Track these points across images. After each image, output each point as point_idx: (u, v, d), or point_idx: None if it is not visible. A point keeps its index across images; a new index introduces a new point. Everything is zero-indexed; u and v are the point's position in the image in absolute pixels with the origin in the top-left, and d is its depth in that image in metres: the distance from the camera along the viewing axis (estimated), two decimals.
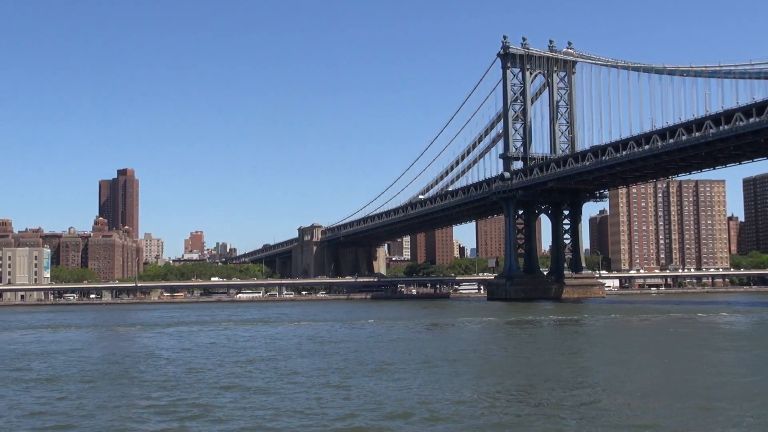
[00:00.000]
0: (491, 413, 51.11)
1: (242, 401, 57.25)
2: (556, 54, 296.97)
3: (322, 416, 51.11)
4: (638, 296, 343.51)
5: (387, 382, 65.89)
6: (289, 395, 59.60)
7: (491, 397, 57.56)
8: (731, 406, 52.35)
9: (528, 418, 49.46)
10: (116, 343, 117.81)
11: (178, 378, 71.06)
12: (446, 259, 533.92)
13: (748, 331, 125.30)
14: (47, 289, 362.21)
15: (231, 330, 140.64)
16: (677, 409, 51.56)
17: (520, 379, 67.49)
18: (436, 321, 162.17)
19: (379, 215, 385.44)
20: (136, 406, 55.92)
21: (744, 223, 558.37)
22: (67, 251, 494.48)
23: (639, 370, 73.00)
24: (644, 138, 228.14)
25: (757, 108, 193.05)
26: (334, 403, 56.05)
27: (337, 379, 68.66)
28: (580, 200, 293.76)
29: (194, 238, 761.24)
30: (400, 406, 53.50)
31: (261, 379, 69.14)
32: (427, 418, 49.93)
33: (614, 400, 55.39)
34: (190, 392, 61.87)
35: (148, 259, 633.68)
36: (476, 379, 68.52)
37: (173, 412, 53.40)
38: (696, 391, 58.53)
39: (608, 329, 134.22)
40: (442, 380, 66.70)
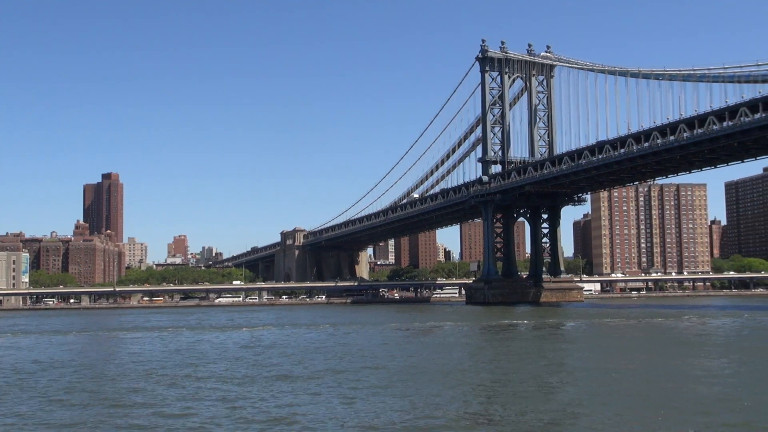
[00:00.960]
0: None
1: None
2: (534, 58, 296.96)
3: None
4: (618, 300, 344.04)
5: (267, 392, 64.15)
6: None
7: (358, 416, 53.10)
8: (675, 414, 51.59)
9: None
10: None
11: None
12: (430, 263, 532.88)
13: (707, 334, 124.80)
14: (22, 294, 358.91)
15: (178, 335, 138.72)
16: (616, 414, 50.76)
17: (408, 401, 58.63)
18: (402, 326, 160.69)
19: (360, 219, 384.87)
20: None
21: (726, 226, 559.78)
22: (47, 256, 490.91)
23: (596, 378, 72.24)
24: (620, 142, 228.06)
25: (730, 112, 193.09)
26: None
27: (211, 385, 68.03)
28: (558, 204, 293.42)
29: (177, 242, 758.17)
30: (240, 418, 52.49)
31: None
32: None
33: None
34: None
35: (132, 264, 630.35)
36: (366, 390, 65.21)
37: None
38: (651, 399, 57.79)
39: (576, 334, 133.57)
40: (330, 392, 63.84)
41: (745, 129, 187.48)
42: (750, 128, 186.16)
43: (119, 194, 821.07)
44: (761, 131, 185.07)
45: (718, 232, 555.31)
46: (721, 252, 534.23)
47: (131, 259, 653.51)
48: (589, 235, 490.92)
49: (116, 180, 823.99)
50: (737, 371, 73.41)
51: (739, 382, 65.43)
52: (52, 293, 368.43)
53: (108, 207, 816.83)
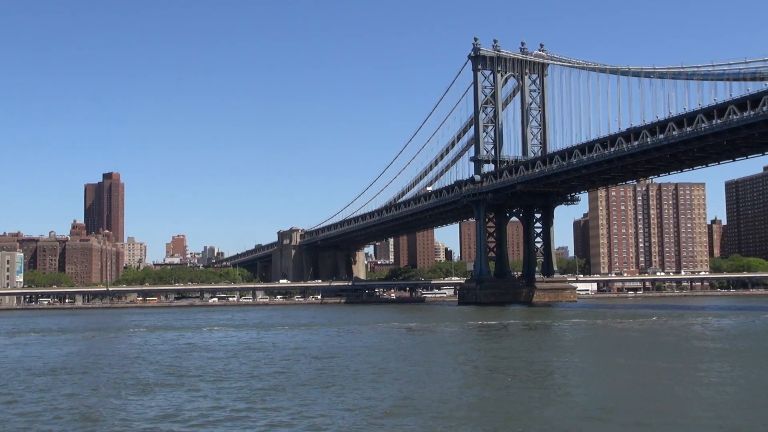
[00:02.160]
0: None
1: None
2: (527, 56, 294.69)
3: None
4: (613, 300, 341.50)
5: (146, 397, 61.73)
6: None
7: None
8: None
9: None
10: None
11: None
12: (427, 263, 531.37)
13: (690, 335, 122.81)
14: (14, 293, 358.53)
15: (139, 337, 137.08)
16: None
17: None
18: (375, 326, 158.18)
19: (356, 219, 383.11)
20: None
21: (726, 226, 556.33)
22: (44, 255, 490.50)
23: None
24: (609, 140, 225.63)
25: (719, 110, 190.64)
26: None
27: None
28: (551, 203, 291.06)
29: (176, 241, 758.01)
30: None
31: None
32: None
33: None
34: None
35: (131, 264, 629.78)
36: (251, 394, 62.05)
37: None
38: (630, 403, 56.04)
39: (563, 335, 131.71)
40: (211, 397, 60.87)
41: (733, 127, 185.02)
42: (738, 126, 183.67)
43: (120, 194, 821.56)
44: (749, 129, 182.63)
45: (718, 232, 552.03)
46: (721, 251, 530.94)
47: (130, 258, 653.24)
48: (588, 234, 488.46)
49: (117, 180, 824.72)
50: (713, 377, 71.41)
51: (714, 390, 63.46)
52: (44, 293, 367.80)
53: (109, 207, 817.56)
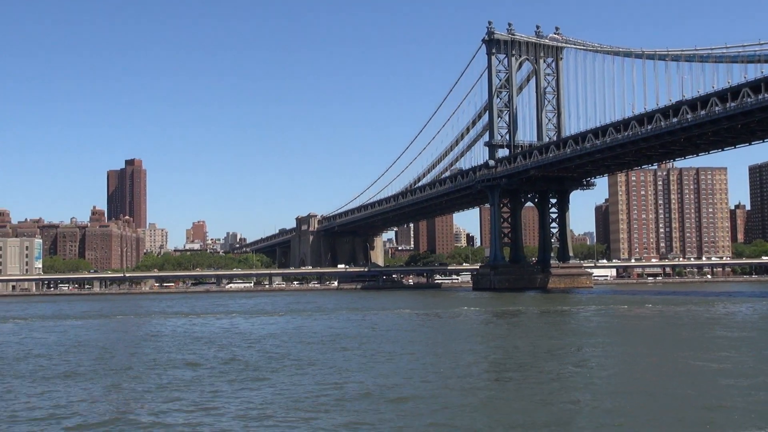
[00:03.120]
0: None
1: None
2: (542, 40, 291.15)
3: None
4: (632, 286, 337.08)
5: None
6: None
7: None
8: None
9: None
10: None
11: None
12: (447, 248, 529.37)
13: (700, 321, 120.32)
14: (32, 279, 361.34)
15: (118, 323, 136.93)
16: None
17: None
18: (372, 312, 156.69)
19: (372, 204, 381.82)
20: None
21: (750, 211, 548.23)
22: (64, 242, 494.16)
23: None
24: (623, 124, 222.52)
25: (732, 93, 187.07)
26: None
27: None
28: (566, 188, 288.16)
29: (196, 227, 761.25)
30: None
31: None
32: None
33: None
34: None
35: (152, 249, 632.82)
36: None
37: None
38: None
39: (568, 322, 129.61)
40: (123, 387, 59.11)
41: (746, 110, 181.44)
42: (751, 109, 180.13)
43: (142, 180, 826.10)
44: (763, 112, 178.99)
45: (742, 217, 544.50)
46: (745, 237, 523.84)
47: (152, 244, 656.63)
48: (609, 220, 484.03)
49: (139, 166, 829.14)
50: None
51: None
52: (62, 279, 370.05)
53: (131, 193, 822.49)
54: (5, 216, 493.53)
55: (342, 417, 46.86)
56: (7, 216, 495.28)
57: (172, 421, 46.88)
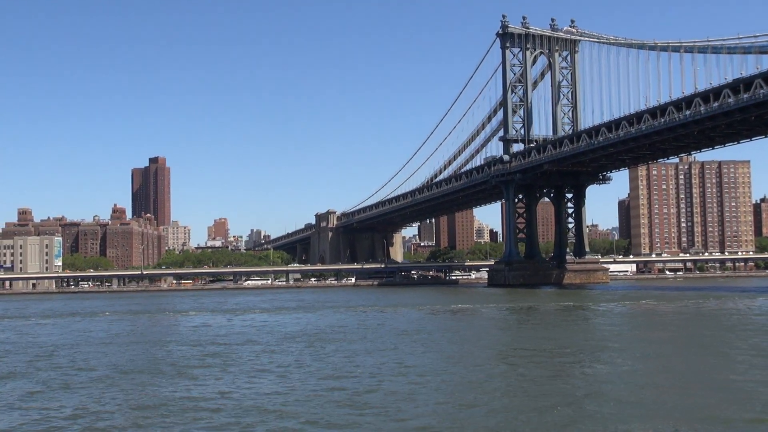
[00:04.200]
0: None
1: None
2: (557, 33, 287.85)
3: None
4: (651, 281, 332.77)
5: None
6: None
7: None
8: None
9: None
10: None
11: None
12: (467, 244, 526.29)
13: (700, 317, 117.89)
14: (50, 277, 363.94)
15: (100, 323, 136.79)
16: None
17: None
18: (372, 308, 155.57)
19: (389, 200, 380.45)
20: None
21: None
22: (85, 239, 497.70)
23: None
24: (636, 117, 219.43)
25: (744, 84, 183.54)
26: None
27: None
28: (582, 183, 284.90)
29: (218, 225, 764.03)
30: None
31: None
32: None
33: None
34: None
35: (174, 247, 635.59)
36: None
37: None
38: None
39: (575, 320, 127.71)
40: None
41: (759, 102, 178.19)
42: (764, 101, 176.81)
43: (166, 178, 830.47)
44: None
45: (767, 210, 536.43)
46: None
47: (174, 242, 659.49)
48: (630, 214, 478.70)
49: (163, 164, 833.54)
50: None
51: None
52: (78, 277, 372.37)
53: (155, 191, 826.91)
54: (27, 214, 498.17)
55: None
56: (29, 214, 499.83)
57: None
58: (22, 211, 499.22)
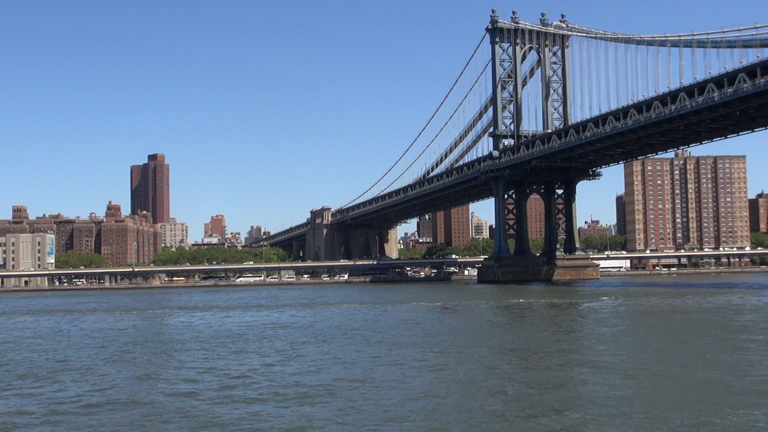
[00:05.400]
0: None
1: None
2: (547, 28, 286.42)
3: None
4: (644, 278, 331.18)
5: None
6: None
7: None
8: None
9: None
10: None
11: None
12: (463, 240, 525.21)
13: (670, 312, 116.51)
14: (42, 274, 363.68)
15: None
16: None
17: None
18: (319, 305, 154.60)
19: (382, 197, 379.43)
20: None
21: None
22: (80, 237, 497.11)
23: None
24: (622, 113, 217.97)
25: (728, 78, 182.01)
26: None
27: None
28: (572, 179, 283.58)
29: (214, 221, 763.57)
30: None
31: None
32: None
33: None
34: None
35: (172, 244, 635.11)
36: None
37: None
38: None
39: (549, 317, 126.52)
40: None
41: (741, 96, 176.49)
42: (747, 95, 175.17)
43: (165, 175, 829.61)
44: (759, 98, 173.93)
45: (765, 206, 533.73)
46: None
47: (172, 239, 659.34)
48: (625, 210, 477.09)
49: (162, 161, 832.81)
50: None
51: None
52: (70, 274, 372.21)
53: (154, 188, 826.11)
54: (22, 212, 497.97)
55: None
56: (24, 212, 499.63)
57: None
58: (17, 209, 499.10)
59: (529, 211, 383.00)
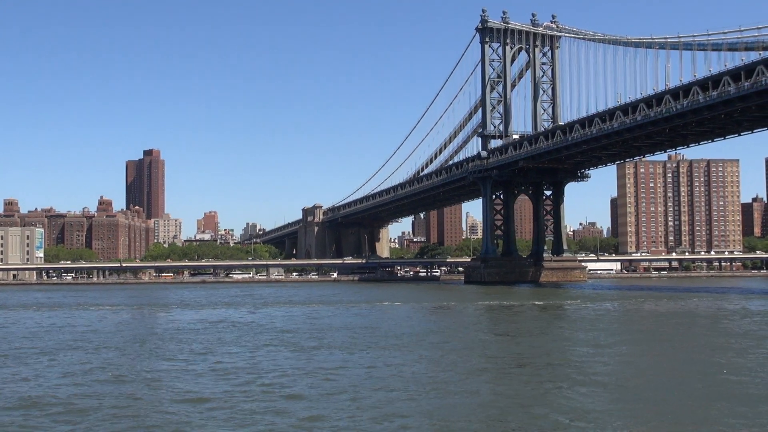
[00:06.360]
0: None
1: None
2: (537, 28, 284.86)
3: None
4: (633, 281, 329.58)
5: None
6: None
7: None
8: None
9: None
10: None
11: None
12: (455, 240, 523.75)
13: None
14: (29, 268, 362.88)
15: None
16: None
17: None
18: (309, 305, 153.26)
19: (373, 196, 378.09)
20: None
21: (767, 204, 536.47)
22: (71, 231, 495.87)
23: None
24: (608, 114, 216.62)
25: (713, 81, 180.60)
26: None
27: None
28: (560, 180, 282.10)
29: (207, 218, 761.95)
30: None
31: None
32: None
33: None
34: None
35: (165, 240, 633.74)
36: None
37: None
38: None
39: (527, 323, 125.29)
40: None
41: (726, 99, 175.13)
42: (731, 98, 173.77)
43: (160, 170, 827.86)
44: (743, 102, 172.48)
45: (759, 210, 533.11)
46: (762, 230, 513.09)
47: (166, 235, 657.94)
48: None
49: (157, 156, 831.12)
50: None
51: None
52: (59, 268, 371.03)
53: (149, 183, 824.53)
54: (14, 205, 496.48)
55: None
56: (15, 205, 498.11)
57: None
58: (8, 202, 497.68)
59: (521, 212, 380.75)
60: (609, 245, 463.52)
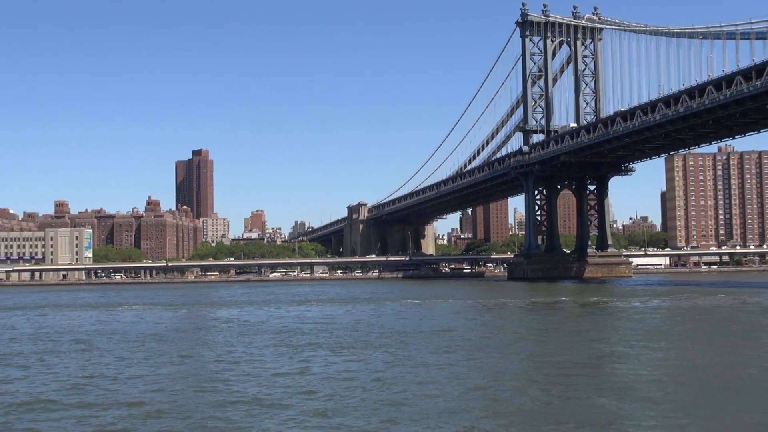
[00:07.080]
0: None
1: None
2: (578, 21, 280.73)
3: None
4: (682, 275, 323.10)
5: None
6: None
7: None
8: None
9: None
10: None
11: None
12: (501, 236, 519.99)
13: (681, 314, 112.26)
14: (76, 268, 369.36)
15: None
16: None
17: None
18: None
19: (416, 192, 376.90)
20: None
21: None
22: (120, 231, 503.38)
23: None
24: (650, 107, 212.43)
25: (756, 71, 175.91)
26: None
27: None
28: (604, 174, 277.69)
29: (254, 216, 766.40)
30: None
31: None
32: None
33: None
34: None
35: (214, 239, 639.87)
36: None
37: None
38: None
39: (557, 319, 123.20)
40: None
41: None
42: None
43: (209, 170, 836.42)
44: None
45: None
46: None
47: (214, 234, 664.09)
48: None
49: (206, 156, 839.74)
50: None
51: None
52: (108, 268, 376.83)
53: (198, 183, 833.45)
54: (64, 207, 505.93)
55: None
56: (66, 206, 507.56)
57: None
58: (58, 204, 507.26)
59: (566, 207, 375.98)
60: (659, 240, 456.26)
